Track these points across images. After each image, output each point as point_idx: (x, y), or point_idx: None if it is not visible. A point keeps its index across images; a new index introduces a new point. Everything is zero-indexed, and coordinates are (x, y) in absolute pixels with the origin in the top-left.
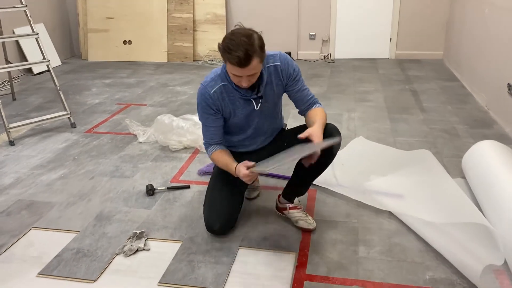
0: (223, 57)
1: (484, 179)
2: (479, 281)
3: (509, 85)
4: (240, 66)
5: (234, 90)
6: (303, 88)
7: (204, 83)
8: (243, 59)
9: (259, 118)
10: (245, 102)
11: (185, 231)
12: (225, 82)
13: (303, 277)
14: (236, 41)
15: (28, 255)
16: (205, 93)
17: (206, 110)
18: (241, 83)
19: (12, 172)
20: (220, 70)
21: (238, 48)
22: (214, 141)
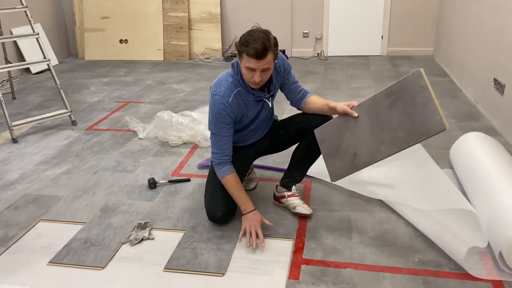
0: (240, 51)
1: (470, 168)
2: (464, 262)
3: (496, 80)
4: (256, 58)
5: (247, 94)
6: (295, 81)
7: (220, 94)
8: (260, 50)
9: (262, 114)
10: (257, 103)
11: (187, 221)
12: (238, 88)
13: (300, 261)
14: (254, 36)
15: (37, 246)
16: (225, 103)
17: (225, 120)
18: (254, 78)
19: (17, 168)
20: (231, 77)
21: (256, 41)
22: (226, 158)
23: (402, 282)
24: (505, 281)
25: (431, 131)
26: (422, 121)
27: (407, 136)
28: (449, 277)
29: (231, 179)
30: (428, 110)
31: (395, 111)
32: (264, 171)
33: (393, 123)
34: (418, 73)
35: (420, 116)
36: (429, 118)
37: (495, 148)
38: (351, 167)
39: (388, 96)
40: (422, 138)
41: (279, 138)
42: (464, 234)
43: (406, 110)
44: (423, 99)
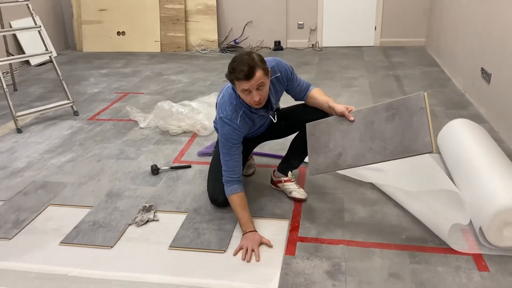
0: (231, 80)
1: (456, 152)
2: (448, 238)
3: (483, 69)
4: (246, 79)
5: (251, 113)
6: (298, 82)
7: (228, 117)
8: (247, 70)
9: (267, 123)
10: (262, 119)
11: (189, 204)
12: (243, 108)
13: (296, 239)
14: (238, 61)
15: (48, 228)
16: (233, 125)
17: (234, 140)
18: (253, 98)
19: (23, 157)
20: (234, 100)
21: (240, 64)
22: (236, 177)
23: (390, 256)
24: (484, 254)
25: (419, 150)
26: (413, 139)
27: (395, 150)
28: (434, 251)
29: (237, 199)
30: (421, 131)
31: (391, 124)
32: (262, 158)
33: (386, 135)
34: (421, 96)
35: (413, 135)
36: (420, 138)
37: (479, 134)
38: (332, 165)
39: (387, 110)
40: (409, 155)
41: (280, 127)
42: (448, 212)
43: (401, 126)
44: (419, 120)
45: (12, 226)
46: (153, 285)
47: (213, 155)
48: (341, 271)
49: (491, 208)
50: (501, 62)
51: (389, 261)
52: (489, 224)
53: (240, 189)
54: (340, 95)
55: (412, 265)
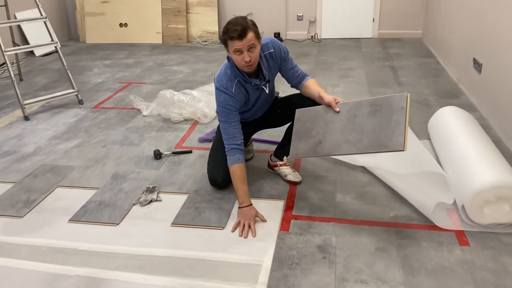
0: (224, 40)
1: (444, 137)
2: (432, 215)
3: (475, 60)
4: (239, 38)
5: (245, 83)
6: (293, 66)
7: (223, 86)
8: (240, 30)
9: (264, 98)
10: (256, 90)
11: (190, 186)
12: (238, 78)
13: (290, 217)
14: (232, 22)
15: (57, 207)
16: (228, 93)
17: (231, 107)
18: (244, 58)
19: (31, 143)
20: (229, 70)
21: (235, 25)
22: (237, 144)
23: (378, 233)
24: (466, 230)
25: (391, 148)
26: (388, 136)
27: (370, 144)
28: (419, 228)
29: (238, 170)
30: (397, 130)
31: (372, 120)
32: (259, 144)
33: (365, 129)
34: (404, 96)
35: (389, 132)
36: (394, 137)
37: (466, 120)
38: (311, 151)
39: (371, 106)
40: (381, 150)
41: (277, 115)
42: (433, 193)
43: (380, 122)
44: (398, 119)
45: (23, 206)
46: (157, 257)
47: (214, 140)
48: (332, 245)
49: (473, 187)
50: (491, 52)
51: (376, 237)
52: (470, 202)
53: (242, 160)
54: (337, 85)
55: (398, 240)
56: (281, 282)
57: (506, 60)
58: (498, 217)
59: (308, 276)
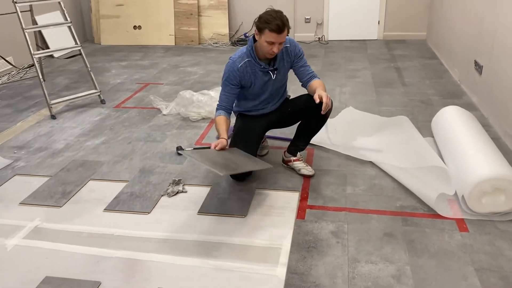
0: (261, 28)
1: (446, 134)
2: (435, 205)
3: (476, 62)
4: (278, 33)
5: (255, 64)
6: (305, 65)
7: (233, 58)
8: (281, 25)
9: (272, 87)
10: (264, 74)
11: (212, 179)
12: (249, 58)
13: (305, 207)
14: (273, 15)
15: (92, 198)
16: (234, 66)
17: (230, 80)
18: (273, 49)
19: (61, 140)
20: (245, 49)
21: (276, 19)
22: (225, 106)
23: (385, 220)
24: (465, 219)
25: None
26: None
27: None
28: (423, 216)
29: (219, 119)
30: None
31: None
32: (273, 141)
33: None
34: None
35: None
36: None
37: (466, 119)
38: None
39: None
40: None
41: (288, 114)
42: (436, 185)
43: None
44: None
45: (61, 196)
46: (186, 241)
47: (232, 136)
48: (344, 231)
49: (472, 179)
50: (490, 55)
51: (384, 224)
52: (470, 193)
53: (224, 113)
54: (344, 85)
55: (404, 227)
56: (300, 262)
57: (505, 62)
58: (495, 207)
59: (323, 258)
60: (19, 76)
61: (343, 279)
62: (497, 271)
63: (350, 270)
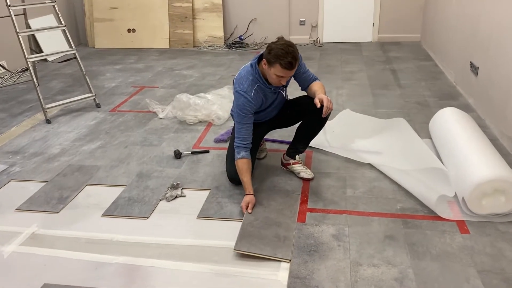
0: (272, 62)
1: (444, 136)
2: (435, 207)
3: (471, 63)
4: (289, 69)
5: (265, 88)
6: (305, 71)
7: (244, 90)
8: (294, 63)
9: (278, 100)
10: (274, 94)
11: (211, 182)
12: (258, 83)
13: (306, 210)
14: (285, 50)
15: (89, 203)
16: (247, 98)
17: (247, 112)
18: (281, 82)
19: (56, 144)
20: (251, 76)
21: (288, 55)
22: (245, 144)
23: (386, 223)
24: (466, 220)
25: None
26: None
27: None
28: (423, 219)
29: (242, 164)
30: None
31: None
32: (272, 144)
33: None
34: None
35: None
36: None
37: (464, 120)
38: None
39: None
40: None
41: (287, 116)
42: (436, 187)
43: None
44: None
45: (57, 202)
46: (186, 246)
47: (231, 140)
48: (345, 234)
49: (472, 181)
50: (486, 56)
51: (385, 227)
52: (470, 194)
53: (245, 155)
54: (341, 87)
55: (405, 229)
56: (302, 266)
57: (501, 63)
58: (495, 208)
59: (325, 261)
60: (12, 80)
61: (346, 283)
62: (499, 273)
63: (352, 273)
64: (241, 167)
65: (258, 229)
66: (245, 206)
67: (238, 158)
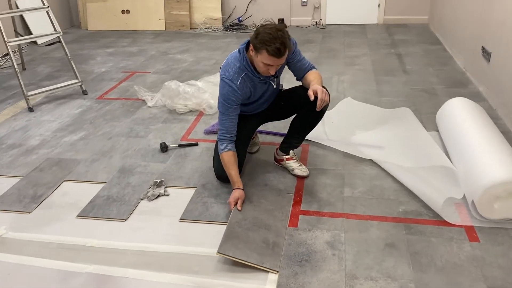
0: (258, 49)
1: (452, 130)
2: (442, 211)
3: (483, 48)
4: (277, 57)
5: (253, 77)
6: (300, 59)
7: (229, 77)
8: (282, 49)
9: (270, 91)
10: (263, 84)
11: (198, 179)
12: (245, 71)
13: (298, 212)
14: (273, 35)
15: (65, 202)
16: (233, 86)
17: (232, 101)
18: (270, 71)
19: (36, 135)
20: (238, 62)
21: (276, 41)
22: (230, 136)
23: (387, 228)
24: (475, 226)
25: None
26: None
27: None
28: (428, 223)
29: (227, 157)
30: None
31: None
32: (265, 136)
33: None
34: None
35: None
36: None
37: (475, 112)
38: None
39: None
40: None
41: (282, 108)
42: (443, 187)
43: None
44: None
45: (30, 201)
46: (165, 254)
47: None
48: (341, 241)
49: (483, 182)
50: (500, 41)
51: (386, 233)
52: (480, 197)
53: (230, 148)
54: (343, 73)
55: (408, 236)
56: (291, 279)
57: None
58: (508, 212)
59: (317, 274)
60: None
61: None
62: None
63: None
64: (227, 160)
65: (245, 231)
66: (234, 202)
67: (223, 151)
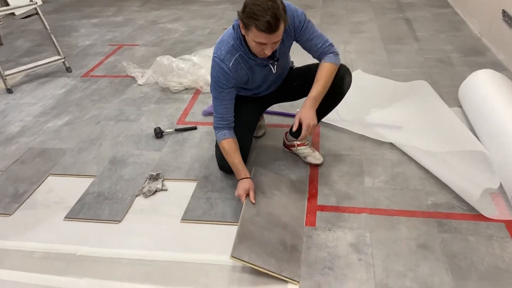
0: (247, 25)
1: (481, 108)
2: (477, 203)
3: (504, 12)
4: (269, 32)
5: (249, 59)
6: (312, 36)
7: (221, 57)
8: (273, 24)
9: (274, 75)
10: (262, 68)
11: (199, 170)
12: (240, 52)
13: (315, 208)
14: (262, 6)
15: (50, 201)
16: (224, 67)
17: (223, 84)
18: (264, 51)
19: (17, 121)
20: (232, 40)
21: (266, 13)
22: (226, 123)
23: (417, 225)
24: None
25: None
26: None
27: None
28: (463, 218)
29: (227, 145)
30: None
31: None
32: (272, 117)
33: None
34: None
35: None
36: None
37: (506, 87)
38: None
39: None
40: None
41: (293, 89)
42: (476, 175)
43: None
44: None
45: (11, 200)
46: (166, 263)
47: None
48: (366, 243)
49: None
50: None
51: (416, 231)
52: None
53: (229, 134)
54: (348, 42)
55: (441, 234)
56: None
57: None
58: None
59: (344, 284)
60: None
61: None
62: None
63: None
64: (227, 149)
65: (260, 229)
66: (245, 193)
67: (222, 139)
